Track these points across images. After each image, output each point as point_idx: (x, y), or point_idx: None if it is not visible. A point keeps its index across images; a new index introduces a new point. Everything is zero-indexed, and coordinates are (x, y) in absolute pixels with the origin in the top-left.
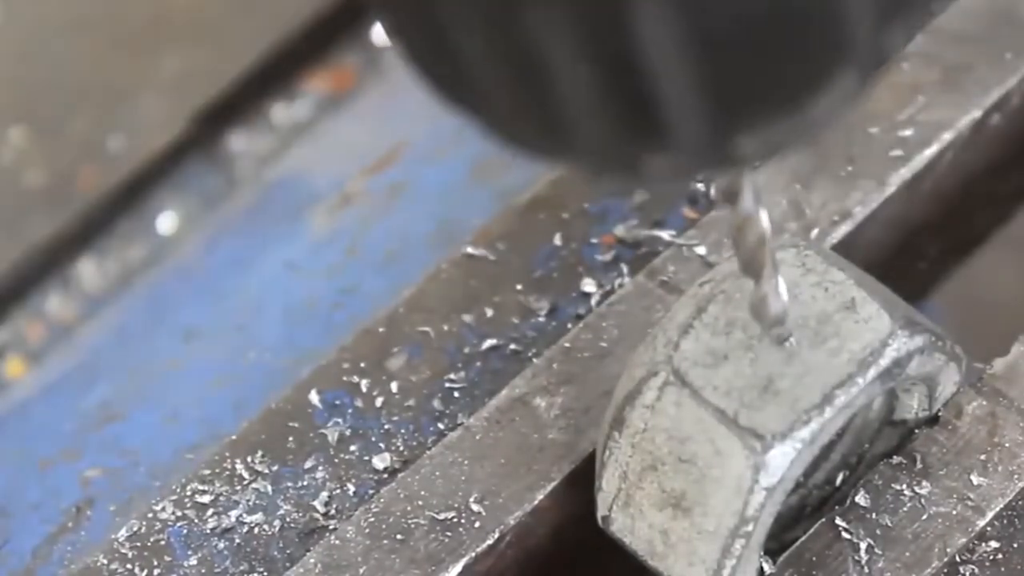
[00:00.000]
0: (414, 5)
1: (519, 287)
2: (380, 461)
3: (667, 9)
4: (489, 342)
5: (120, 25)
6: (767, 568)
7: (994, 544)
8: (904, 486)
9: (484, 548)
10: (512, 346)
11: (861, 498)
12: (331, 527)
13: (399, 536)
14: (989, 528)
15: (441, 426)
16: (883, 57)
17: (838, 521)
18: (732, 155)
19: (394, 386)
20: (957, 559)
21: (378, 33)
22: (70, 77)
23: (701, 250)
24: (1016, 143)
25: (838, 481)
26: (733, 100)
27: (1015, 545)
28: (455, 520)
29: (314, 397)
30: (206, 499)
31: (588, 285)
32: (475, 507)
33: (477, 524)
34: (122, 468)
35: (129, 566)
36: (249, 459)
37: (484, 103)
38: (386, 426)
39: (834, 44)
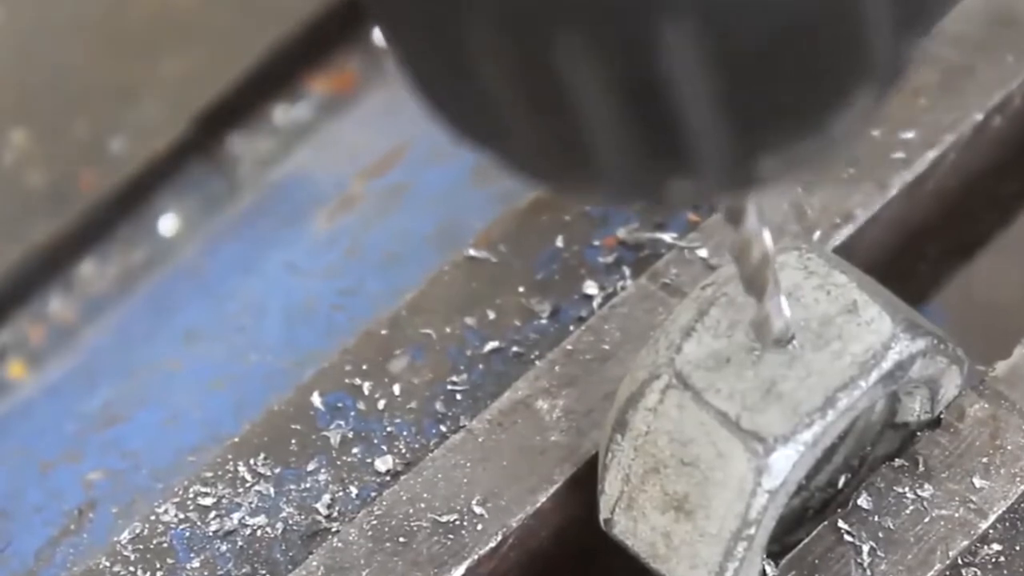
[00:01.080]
0: (437, 39)
1: (521, 289)
2: (382, 463)
3: (693, 31)
4: (491, 344)
5: (121, 26)
6: (769, 571)
7: (996, 547)
8: (906, 489)
9: (486, 550)
10: (514, 348)
11: (863, 501)
12: (333, 529)
13: (401, 538)
14: (991, 531)
15: (443, 428)
16: (900, 70)
17: (840, 524)
18: (754, 176)
19: (396, 388)
20: (959, 562)
21: (380, 35)
22: (71, 79)
23: (703, 253)
24: (1017, 145)
25: (840, 484)
26: (756, 120)
27: (1017, 548)
28: (457, 522)
29: (316, 399)
30: (208, 501)
31: (590, 287)
32: (477, 509)
33: (479, 526)
34: (124, 470)
35: (131, 568)
36: (251, 461)
37: (507, 140)
38: (388, 428)
39: (854, 59)
